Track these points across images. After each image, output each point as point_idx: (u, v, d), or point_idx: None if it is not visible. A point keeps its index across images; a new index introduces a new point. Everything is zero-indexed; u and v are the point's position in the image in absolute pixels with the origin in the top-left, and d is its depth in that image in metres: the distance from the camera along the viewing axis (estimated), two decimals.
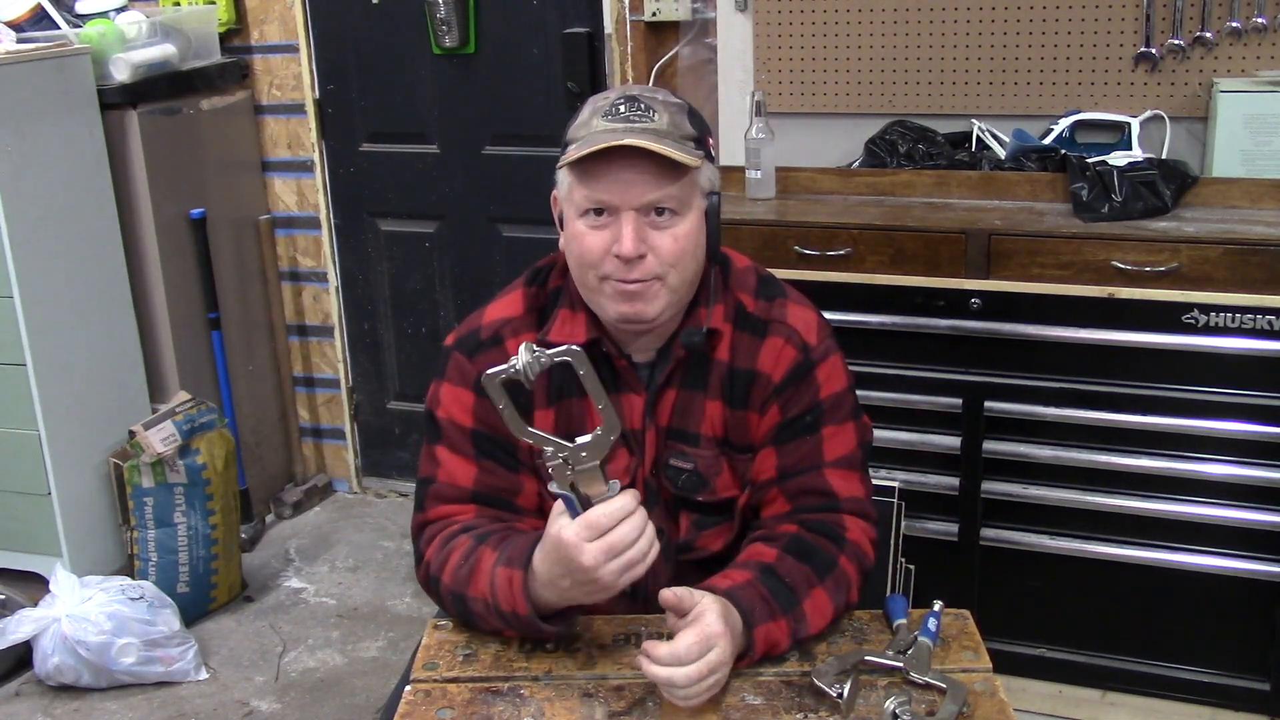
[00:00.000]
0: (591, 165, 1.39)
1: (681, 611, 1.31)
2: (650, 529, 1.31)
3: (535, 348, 1.27)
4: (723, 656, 1.29)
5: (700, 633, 1.28)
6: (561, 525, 1.29)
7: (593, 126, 1.40)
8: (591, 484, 1.28)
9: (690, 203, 1.43)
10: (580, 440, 1.27)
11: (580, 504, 1.29)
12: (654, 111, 1.40)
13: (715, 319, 1.50)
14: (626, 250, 1.39)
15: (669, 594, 1.31)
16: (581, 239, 1.42)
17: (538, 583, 1.35)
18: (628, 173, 1.38)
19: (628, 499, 1.29)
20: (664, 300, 1.44)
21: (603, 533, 1.27)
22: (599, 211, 1.41)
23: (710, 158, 1.47)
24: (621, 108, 1.40)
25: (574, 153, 1.39)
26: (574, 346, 1.27)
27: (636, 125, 1.38)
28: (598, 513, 1.28)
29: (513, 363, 1.26)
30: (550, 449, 1.27)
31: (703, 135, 1.45)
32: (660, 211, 1.41)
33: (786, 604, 1.38)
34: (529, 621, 1.37)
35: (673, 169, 1.39)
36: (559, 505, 1.31)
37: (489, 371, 1.27)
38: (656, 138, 1.38)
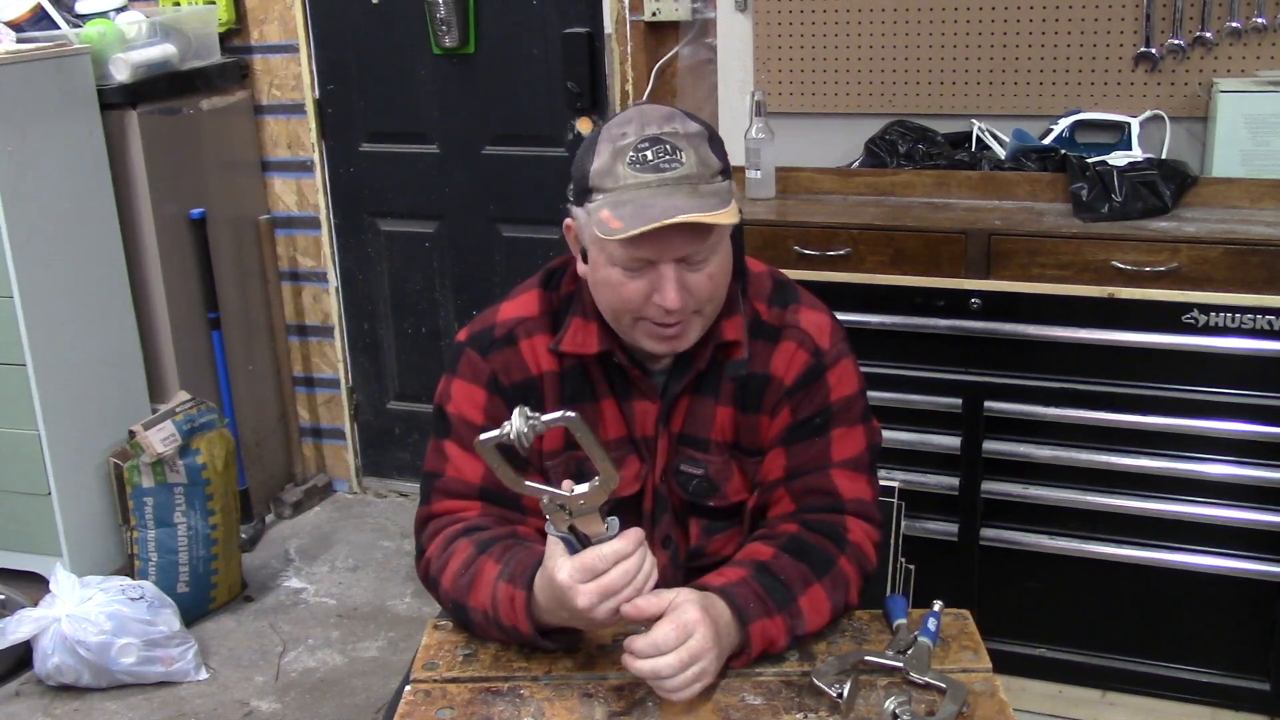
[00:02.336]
0: None
1: (649, 616, 1.29)
2: (648, 567, 1.29)
3: (530, 414, 1.23)
4: (704, 644, 1.28)
5: (677, 620, 1.27)
6: (557, 565, 1.27)
7: (620, 177, 1.34)
8: (590, 524, 1.27)
9: (723, 238, 1.41)
10: (577, 490, 1.25)
11: (579, 542, 1.28)
12: (681, 151, 1.34)
13: (735, 330, 1.50)
14: (670, 303, 1.36)
15: (629, 608, 1.28)
16: (619, 288, 1.40)
17: (539, 606, 1.34)
18: (668, 230, 1.32)
19: (624, 542, 1.27)
20: (697, 330, 1.44)
21: (597, 575, 1.26)
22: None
23: (730, 177, 1.44)
24: (648, 154, 1.34)
25: (614, 222, 1.32)
26: (569, 413, 1.22)
27: (669, 174, 1.33)
28: (592, 555, 1.26)
29: (505, 429, 1.22)
30: (547, 499, 1.26)
31: (726, 162, 1.41)
32: (697, 254, 1.38)
33: (782, 601, 1.38)
34: (531, 639, 1.37)
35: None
36: (557, 542, 1.30)
37: (482, 437, 1.24)
38: (692, 188, 1.33)
